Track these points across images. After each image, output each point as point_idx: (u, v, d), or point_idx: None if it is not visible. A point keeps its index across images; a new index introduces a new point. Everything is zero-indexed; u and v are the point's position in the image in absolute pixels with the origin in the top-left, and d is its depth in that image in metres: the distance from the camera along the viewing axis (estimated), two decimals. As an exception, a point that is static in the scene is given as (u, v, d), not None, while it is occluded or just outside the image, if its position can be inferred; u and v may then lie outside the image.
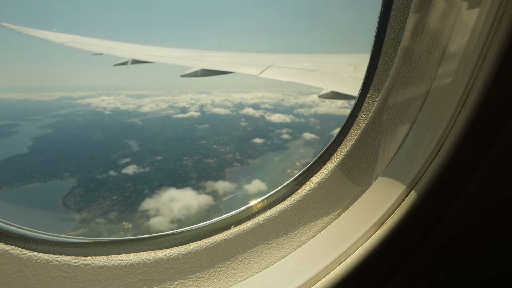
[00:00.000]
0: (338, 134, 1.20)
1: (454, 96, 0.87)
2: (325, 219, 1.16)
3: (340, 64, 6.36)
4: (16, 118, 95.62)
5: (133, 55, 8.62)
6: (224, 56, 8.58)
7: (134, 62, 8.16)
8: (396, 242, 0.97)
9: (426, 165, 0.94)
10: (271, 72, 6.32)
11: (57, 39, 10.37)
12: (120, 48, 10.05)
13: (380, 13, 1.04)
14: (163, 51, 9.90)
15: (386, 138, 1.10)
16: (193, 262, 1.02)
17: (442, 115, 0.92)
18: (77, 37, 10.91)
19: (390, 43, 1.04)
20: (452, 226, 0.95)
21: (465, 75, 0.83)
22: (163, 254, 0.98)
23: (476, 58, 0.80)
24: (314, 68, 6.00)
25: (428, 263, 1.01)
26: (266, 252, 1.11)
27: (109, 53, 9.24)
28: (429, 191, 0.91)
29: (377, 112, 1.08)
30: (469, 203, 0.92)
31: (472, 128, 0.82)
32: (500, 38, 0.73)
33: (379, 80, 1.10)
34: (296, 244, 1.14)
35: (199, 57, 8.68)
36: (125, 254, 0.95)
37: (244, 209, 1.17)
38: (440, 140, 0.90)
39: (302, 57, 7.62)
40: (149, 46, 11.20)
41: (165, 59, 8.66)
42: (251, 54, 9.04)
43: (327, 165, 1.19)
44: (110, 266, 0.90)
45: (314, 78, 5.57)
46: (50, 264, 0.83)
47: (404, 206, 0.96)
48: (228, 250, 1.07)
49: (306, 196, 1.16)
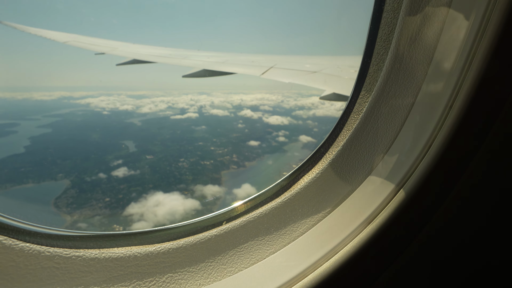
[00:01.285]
0: (330, 133, 1.22)
1: (442, 97, 0.89)
2: (315, 217, 1.17)
3: (342, 66, 6.29)
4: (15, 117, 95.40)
5: (135, 55, 8.60)
6: (226, 57, 8.54)
7: (136, 62, 8.15)
8: (384, 240, 0.99)
9: (415, 165, 0.96)
10: (273, 73, 6.34)
11: (60, 38, 10.45)
12: (122, 48, 10.03)
13: (372, 15, 1.06)
14: (165, 51, 9.86)
15: (377, 138, 1.11)
16: (184, 256, 1.04)
17: (431, 116, 0.93)
18: (79, 36, 11.01)
19: (382, 44, 1.07)
20: (440, 225, 0.98)
21: (453, 77, 0.86)
22: (154, 248, 1.00)
23: (464, 60, 0.82)
24: (315, 70, 6.00)
25: (415, 260, 1.03)
26: (256, 248, 1.13)
27: (111, 52, 9.25)
28: (417, 190, 0.93)
29: (368, 112, 1.10)
30: (457, 203, 0.94)
31: (460, 128, 0.84)
32: (487, 40, 0.74)
33: (371, 81, 1.12)
34: (286, 241, 1.15)
35: (201, 58, 8.66)
36: (116, 247, 0.97)
37: (235, 206, 1.18)
38: (429, 140, 0.92)
39: (303, 59, 7.60)
40: (151, 46, 11.16)
41: (167, 59, 8.63)
42: (253, 55, 8.98)
43: (319, 164, 1.21)
44: (101, 259, 0.93)
45: (315, 80, 5.57)
46: (41, 255, 0.85)
47: (393, 204, 0.98)
48: (218, 245, 1.09)
49: (297, 194, 1.18)
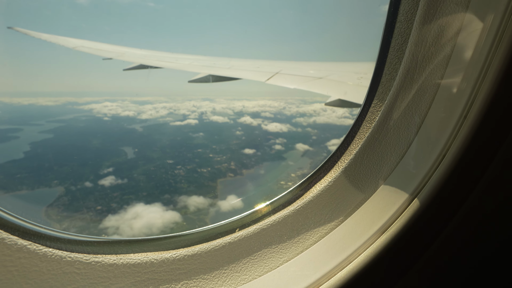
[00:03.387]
0: (343, 142, 1.21)
1: (457, 107, 0.90)
2: (328, 226, 1.16)
3: (347, 72, 6.23)
4: (19, 122, 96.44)
5: (142, 60, 8.60)
6: (232, 62, 8.55)
7: (142, 67, 8.13)
8: (398, 250, 0.98)
9: (429, 174, 0.96)
10: (278, 79, 6.30)
11: (68, 44, 10.38)
12: (129, 53, 10.06)
13: (385, 24, 1.06)
14: (171, 57, 9.90)
15: (390, 147, 1.11)
16: (198, 263, 1.04)
17: (445, 125, 0.93)
18: (88, 42, 10.96)
19: (395, 54, 1.07)
20: (455, 235, 0.96)
21: (468, 87, 0.86)
22: (169, 254, 1.01)
23: (478, 71, 0.82)
24: (321, 76, 5.95)
25: (430, 272, 1.02)
26: (270, 256, 1.13)
27: (119, 58, 9.25)
28: (431, 200, 0.93)
29: (381, 121, 1.10)
30: (472, 213, 0.93)
31: (474, 138, 0.83)
32: (502, 51, 0.74)
33: (384, 90, 1.12)
34: (299, 249, 1.15)
35: (207, 63, 8.69)
36: (133, 253, 0.98)
37: (248, 213, 1.18)
38: (443, 150, 0.93)
39: (309, 65, 7.55)
40: (158, 52, 11.12)
41: (173, 64, 8.64)
42: (258, 61, 8.96)
43: (331, 172, 1.20)
44: (119, 265, 0.94)
45: (321, 86, 5.52)
46: (63, 260, 0.87)
47: (407, 214, 0.97)
48: (232, 253, 1.09)
49: (309, 202, 1.17)
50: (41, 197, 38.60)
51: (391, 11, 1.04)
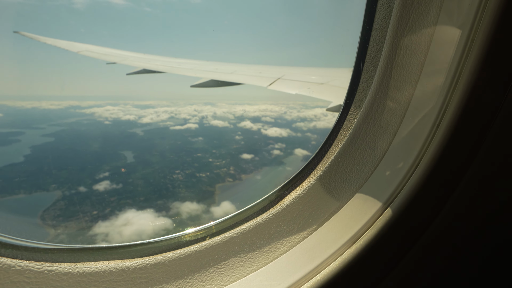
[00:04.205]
0: (319, 149, 1.21)
1: (430, 116, 0.90)
2: (300, 234, 1.15)
3: (348, 78, 5.64)
4: (21, 126, 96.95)
5: (146, 65, 8.61)
6: (234, 67, 8.60)
7: (146, 72, 8.17)
8: (368, 260, 0.97)
9: (402, 184, 0.96)
10: (280, 84, 6.31)
11: (73, 48, 10.42)
12: (133, 57, 10.08)
13: (361, 33, 1.07)
14: (175, 62, 9.96)
15: (365, 155, 1.12)
16: (161, 272, 1.01)
17: (419, 134, 0.94)
18: (92, 46, 11.05)
19: (370, 62, 1.08)
20: (427, 246, 0.96)
21: (441, 95, 0.87)
22: (131, 263, 0.98)
23: (451, 78, 0.83)
24: (322, 82, 5.95)
25: (402, 283, 1.02)
26: (238, 265, 1.11)
27: (122, 62, 9.28)
28: (404, 210, 0.93)
29: (357, 129, 1.11)
30: (445, 224, 0.93)
31: (447, 147, 0.84)
32: (472, 60, 0.75)
33: (360, 97, 1.13)
34: (268, 259, 1.13)
35: (210, 68, 8.72)
36: (94, 261, 0.96)
37: (220, 221, 1.16)
38: (417, 158, 0.93)
39: (311, 70, 7.53)
40: (161, 57, 11.09)
41: (176, 69, 8.68)
42: (260, 66, 8.95)
43: (307, 180, 1.19)
44: (74, 273, 0.91)
45: (322, 91, 5.51)
46: (12, 269, 0.85)
47: (379, 223, 0.97)
48: (198, 261, 1.07)
49: (282, 211, 1.16)
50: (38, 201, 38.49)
51: (367, 19, 1.04)
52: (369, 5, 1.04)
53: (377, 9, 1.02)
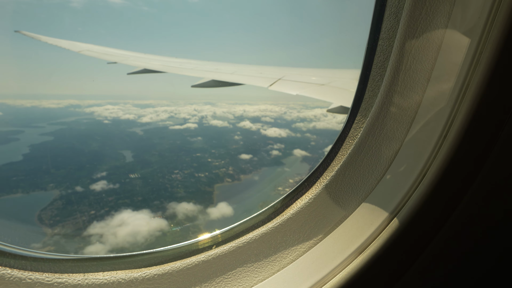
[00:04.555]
0: (325, 158, 1.20)
1: (437, 125, 0.90)
2: (306, 244, 1.14)
3: (350, 80, 6.17)
4: (21, 124, 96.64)
5: (147, 65, 8.53)
6: (235, 68, 8.50)
7: (147, 72, 8.11)
8: (374, 271, 0.97)
9: (409, 194, 0.95)
10: (280, 85, 6.26)
11: (74, 47, 10.37)
12: (134, 57, 10.05)
13: (368, 42, 1.07)
14: (175, 62, 9.86)
15: (371, 165, 1.11)
16: (169, 283, 1.01)
17: (426, 144, 0.94)
18: (93, 46, 10.89)
19: (377, 71, 1.07)
20: (434, 257, 0.95)
21: (448, 105, 0.87)
22: (139, 274, 0.98)
23: (459, 88, 0.83)
24: (323, 83, 5.91)
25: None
26: (244, 275, 1.10)
27: (123, 62, 9.24)
28: (410, 221, 0.92)
29: (363, 138, 1.10)
30: (452, 234, 0.93)
31: (455, 158, 0.83)
32: (481, 69, 0.75)
33: (366, 106, 1.12)
34: (275, 268, 1.12)
35: (211, 68, 8.65)
36: (102, 272, 0.96)
37: (227, 229, 1.15)
38: (424, 169, 0.92)
39: (312, 71, 7.47)
40: (162, 56, 10.97)
41: (177, 69, 8.62)
42: (261, 66, 8.91)
43: (312, 189, 1.18)
44: (83, 285, 0.91)
45: (323, 92, 5.48)
46: (22, 282, 0.85)
47: (385, 234, 0.97)
48: (205, 272, 1.06)
49: (289, 220, 1.15)
50: (35, 200, 38.31)
51: (374, 28, 1.04)
52: (376, 14, 1.03)
53: (384, 18, 1.01)
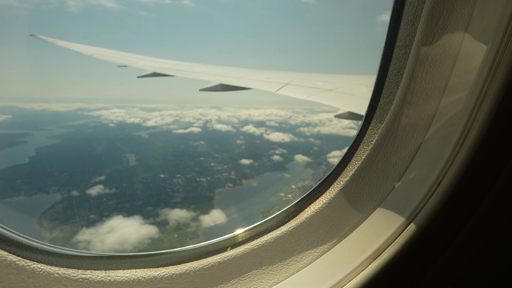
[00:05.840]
0: (339, 163, 1.21)
1: (453, 134, 0.91)
2: (320, 248, 1.14)
3: (358, 85, 6.11)
4: (30, 127, 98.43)
5: (156, 68, 8.68)
6: (243, 72, 8.60)
7: (156, 75, 8.23)
8: (389, 278, 0.97)
9: (425, 200, 0.95)
10: (288, 89, 6.29)
11: (86, 51, 10.61)
12: (144, 61, 10.19)
13: (384, 49, 1.08)
14: (184, 65, 10.04)
15: (386, 170, 1.11)
16: (186, 283, 1.03)
17: (442, 151, 0.94)
18: (104, 49, 11.12)
19: (393, 78, 1.07)
20: (450, 265, 0.95)
21: (465, 114, 0.87)
22: (158, 273, 1.00)
23: (475, 98, 0.82)
24: (331, 88, 5.86)
25: None
26: (259, 278, 1.11)
27: (133, 65, 9.37)
28: (427, 226, 0.92)
29: (378, 144, 1.10)
30: (469, 241, 0.92)
31: (471, 165, 0.84)
32: (499, 78, 0.75)
33: (381, 113, 1.12)
34: (289, 272, 1.13)
35: (219, 72, 8.73)
36: (122, 270, 0.99)
37: (241, 232, 1.16)
38: (440, 175, 0.93)
39: (319, 76, 7.45)
40: (171, 60, 11.37)
41: (186, 73, 8.73)
42: (270, 71, 8.87)
43: (326, 194, 1.18)
44: (106, 282, 0.94)
45: (331, 98, 5.41)
46: (51, 276, 0.88)
47: (401, 239, 0.96)
48: (221, 272, 1.08)
49: (303, 224, 1.15)
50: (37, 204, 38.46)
51: (390, 36, 1.04)
52: (392, 22, 1.02)
53: (401, 27, 1.00)
